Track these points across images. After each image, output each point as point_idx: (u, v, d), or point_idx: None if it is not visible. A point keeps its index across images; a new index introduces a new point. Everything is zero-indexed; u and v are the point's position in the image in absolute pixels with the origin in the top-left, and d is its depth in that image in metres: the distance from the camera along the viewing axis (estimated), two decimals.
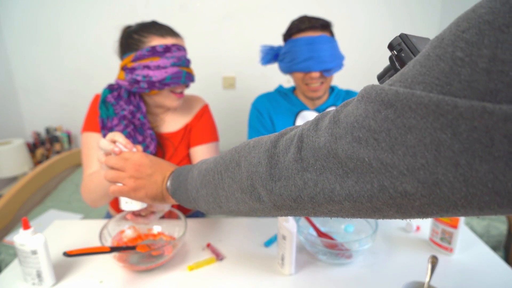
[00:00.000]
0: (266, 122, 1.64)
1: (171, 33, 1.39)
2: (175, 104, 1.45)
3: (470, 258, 1.22)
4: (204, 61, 3.15)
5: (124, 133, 1.41)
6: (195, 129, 1.59)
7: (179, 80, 1.37)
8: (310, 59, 1.51)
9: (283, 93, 1.70)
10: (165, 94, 1.41)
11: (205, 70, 3.15)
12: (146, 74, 1.34)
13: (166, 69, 1.34)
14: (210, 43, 3.13)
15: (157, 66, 1.33)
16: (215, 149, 1.62)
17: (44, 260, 1.06)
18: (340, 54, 1.55)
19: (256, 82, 3.21)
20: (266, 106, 1.67)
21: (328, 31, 1.55)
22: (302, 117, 1.63)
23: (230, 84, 3.23)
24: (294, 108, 1.65)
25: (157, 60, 1.33)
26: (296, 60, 1.53)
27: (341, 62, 1.55)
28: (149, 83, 1.35)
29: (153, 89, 1.36)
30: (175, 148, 1.55)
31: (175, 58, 1.35)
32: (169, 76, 1.34)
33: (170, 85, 1.36)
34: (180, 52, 1.37)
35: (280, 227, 1.13)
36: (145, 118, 1.45)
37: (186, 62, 1.40)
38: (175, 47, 1.36)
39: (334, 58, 1.51)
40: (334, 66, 1.52)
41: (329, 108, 1.62)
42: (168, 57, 1.34)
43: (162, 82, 1.35)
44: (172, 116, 1.59)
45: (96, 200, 1.36)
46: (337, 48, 1.55)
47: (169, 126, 1.57)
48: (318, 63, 1.50)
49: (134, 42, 1.38)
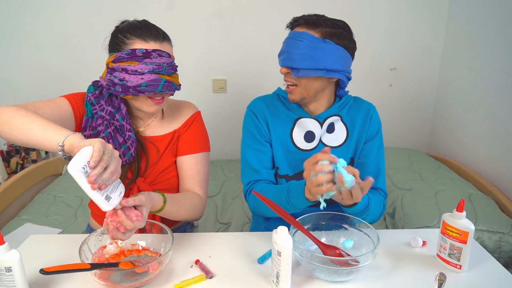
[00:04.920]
0: (262, 127, 1.64)
1: (155, 37, 1.40)
2: (152, 109, 1.47)
3: (480, 276, 1.23)
4: (192, 62, 3.15)
5: (105, 133, 1.44)
6: (184, 137, 1.60)
7: (155, 89, 1.38)
8: (282, 53, 1.55)
9: (282, 97, 1.70)
10: (141, 99, 1.44)
11: (193, 72, 3.16)
12: (123, 77, 1.36)
13: (143, 75, 1.36)
14: (198, 42, 3.12)
15: (134, 71, 1.35)
16: (205, 160, 1.63)
17: (19, 278, 1.06)
18: (321, 58, 1.47)
19: (249, 84, 3.21)
20: (263, 110, 1.67)
21: (319, 31, 1.49)
22: (300, 124, 1.63)
23: (220, 87, 3.22)
24: (293, 114, 1.65)
25: (135, 65, 1.35)
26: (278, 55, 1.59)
27: (318, 67, 1.48)
28: (123, 87, 1.37)
29: (127, 94, 1.38)
30: (160, 154, 1.57)
31: (155, 64, 1.37)
32: (144, 83, 1.36)
33: (145, 93, 1.38)
34: (162, 58, 1.39)
35: (274, 242, 1.13)
36: (124, 120, 1.47)
37: (169, 70, 1.41)
38: (157, 53, 1.37)
39: (306, 59, 1.47)
40: (303, 67, 1.47)
41: (331, 118, 1.62)
42: (147, 63, 1.36)
43: (136, 89, 1.36)
44: (160, 121, 1.61)
45: (13, 138, 1.20)
46: (319, 50, 1.47)
47: (155, 130, 1.59)
48: (285, 58, 1.52)
49: (117, 42, 1.41)
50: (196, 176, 1.59)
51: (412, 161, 2.86)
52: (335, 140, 1.62)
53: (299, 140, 1.62)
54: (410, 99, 3.30)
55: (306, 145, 1.61)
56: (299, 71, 1.49)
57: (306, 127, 1.62)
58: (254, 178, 1.63)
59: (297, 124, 1.63)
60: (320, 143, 1.61)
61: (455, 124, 2.99)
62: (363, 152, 1.65)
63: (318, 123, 1.61)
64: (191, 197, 1.52)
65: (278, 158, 1.64)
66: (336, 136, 1.62)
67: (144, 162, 1.55)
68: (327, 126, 1.62)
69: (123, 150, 1.45)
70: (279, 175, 1.66)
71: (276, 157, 1.65)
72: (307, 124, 1.62)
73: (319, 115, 1.62)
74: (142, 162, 1.55)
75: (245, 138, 1.69)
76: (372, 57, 3.18)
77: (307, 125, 1.61)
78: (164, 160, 1.57)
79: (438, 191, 2.37)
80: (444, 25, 3.12)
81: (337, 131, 1.63)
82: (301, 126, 1.63)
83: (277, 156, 1.64)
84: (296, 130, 1.63)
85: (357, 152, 1.65)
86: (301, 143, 1.62)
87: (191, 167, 1.58)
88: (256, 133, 1.65)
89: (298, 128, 1.63)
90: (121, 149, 1.45)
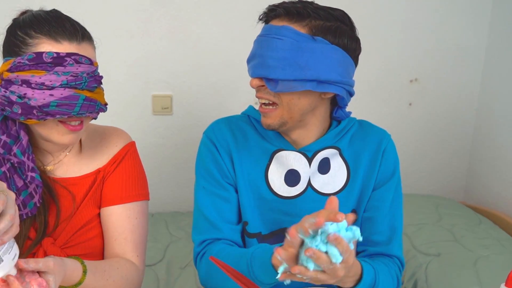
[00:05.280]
0: (225, 163, 1.63)
1: (71, 35, 1.40)
2: (66, 140, 1.46)
3: None
4: (123, 71, 3.07)
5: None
6: (112, 179, 1.61)
7: (71, 110, 1.37)
8: (253, 58, 1.53)
9: (254, 120, 1.69)
10: (50, 125, 1.42)
11: (124, 86, 3.08)
12: (24, 93, 1.34)
13: (53, 90, 1.34)
14: (132, 42, 3.05)
15: (40, 84, 1.34)
16: (141, 213, 1.64)
17: None
18: (310, 64, 1.44)
19: (205, 103, 3.17)
20: (226, 138, 1.65)
21: (306, 25, 1.46)
22: (280, 160, 1.63)
23: (164, 107, 3.15)
24: (269, 145, 1.64)
25: (42, 75, 1.34)
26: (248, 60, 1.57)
27: (306, 77, 1.44)
28: (25, 108, 1.35)
29: (30, 117, 1.37)
30: (77, 204, 1.56)
31: (70, 75, 1.35)
32: (55, 101, 1.34)
33: (56, 116, 1.37)
34: (80, 66, 1.38)
35: None
36: (25, 155, 1.44)
37: (90, 82, 1.41)
38: (72, 58, 1.36)
39: (287, 65, 1.44)
40: (284, 77, 1.44)
41: (325, 151, 1.62)
42: (58, 72, 1.34)
43: (43, 109, 1.35)
44: (77, 156, 1.61)
45: None
46: (306, 52, 1.44)
47: (70, 170, 1.59)
48: (257, 65, 1.50)
49: (16, 43, 1.40)
50: (129, 235, 1.59)
51: (442, 214, 2.88)
52: (330, 184, 1.62)
53: (278, 182, 1.61)
54: (438, 125, 3.33)
55: (288, 190, 1.61)
56: (278, 84, 1.45)
57: (288, 164, 1.62)
58: (210, 235, 1.61)
59: (275, 160, 1.62)
60: (309, 188, 1.61)
61: (503, 161, 3.00)
62: (372, 202, 1.64)
63: (305, 158, 1.61)
64: (122, 266, 1.52)
65: (246, 209, 1.63)
66: (331, 178, 1.62)
67: (53, 216, 1.53)
68: (318, 163, 1.62)
69: (24, 198, 1.43)
70: (248, 233, 1.64)
71: (244, 207, 1.63)
72: (290, 159, 1.62)
73: (306, 147, 1.62)
74: (50, 216, 1.53)
75: (199, 178, 1.68)
76: (384, 64, 3.20)
77: (290, 162, 1.62)
78: (83, 212, 1.57)
79: (479, 257, 2.41)
80: (487, 19, 3.17)
81: (334, 170, 1.63)
82: (280, 163, 1.62)
83: (245, 206, 1.63)
84: (274, 168, 1.62)
85: (362, 202, 1.65)
86: (280, 187, 1.61)
87: (121, 222, 1.58)
88: (215, 171, 1.64)
89: (276, 166, 1.62)
90: (21, 197, 1.43)
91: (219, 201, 1.62)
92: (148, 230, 1.67)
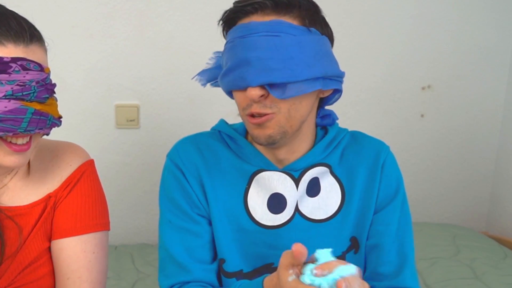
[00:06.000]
0: (194, 191, 1.62)
1: (17, 36, 1.37)
2: (10, 162, 1.41)
3: None
4: (81, 76, 3.07)
5: None
6: (64, 206, 1.60)
7: (17, 127, 1.33)
8: (244, 64, 1.46)
9: (227, 136, 1.68)
10: None
11: (82, 94, 3.09)
12: None
13: None
14: (90, 42, 3.06)
15: None
16: (100, 246, 1.63)
17: None
18: (315, 61, 1.46)
19: (179, 115, 3.18)
20: (194, 161, 1.64)
21: (296, 16, 1.48)
22: (261, 183, 1.62)
23: (129, 120, 3.16)
24: (247, 165, 1.64)
25: None
26: (226, 67, 1.52)
27: (315, 75, 1.45)
28: None
29: None
30: (23, 237, 1.54)
31: (16, 84, 1.32)
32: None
33: None
34: (29, 73, 1.36)
35: None
36: None
37: (40, 92, 1.38)
38: (20, 64, 1.34)
39: (295, 65, 1.43)
40: (294, 79, 1.43)
41: (313, 170, 1.61)
42: (2, 81, 1.30)
43: None
44: (24, 179, 1.60)
45: None
46: (307, 47, 1.46)
47: (16, 196, 1.58)
48: (254, 71, 1.43)
49: None
50: (85, 273, 1.57)
51: (460, 247, 2.90)
52: (321, 209, 1.61)
53: (260, 210, 1.60)
54: (454, 140, 3.35)
55: (272, 218, 1.60)
56: (286, 88, 1.43)
57: (271, 188, 1.61)
58: (179, 279, 1.59)
59: (255, 183, 1.62)
60: (296, 214, 1.60)
61: None
62: (375, 227, 1.63)
63: (291, 179, 1.61)
64: None
65: (223, 244, 1.61)
66: (323, 201, 1.62)
67: None
68: (307, 184, 1.61)
69: None
70: (225, 273, 1.63)
71: (220, 241, 1.61)
72: (273, 181, 1.61)
73: (291, 165, 1.61)
74: None
75: (164, 211, 1.67)
76: (391, 68, 3.20)
77: (273, 184, 1.61)
78: (31, 246, 1.56)
79: None
80: None
81: (325, 191, 1.62)
82: (262, 186, 1.62)
83: (221, 240, 1.61)
84: (254, 192, 1.62)
85: (364, 228, 1.63)
86: (263, 215, 1.60)
87: (75, 258, 1.57)
88: (182, 201, 1.62)
89: (257, 190, 1.62)
90: None
91: (189, 237, 1.60)
92: (107, 267, 1.65)
